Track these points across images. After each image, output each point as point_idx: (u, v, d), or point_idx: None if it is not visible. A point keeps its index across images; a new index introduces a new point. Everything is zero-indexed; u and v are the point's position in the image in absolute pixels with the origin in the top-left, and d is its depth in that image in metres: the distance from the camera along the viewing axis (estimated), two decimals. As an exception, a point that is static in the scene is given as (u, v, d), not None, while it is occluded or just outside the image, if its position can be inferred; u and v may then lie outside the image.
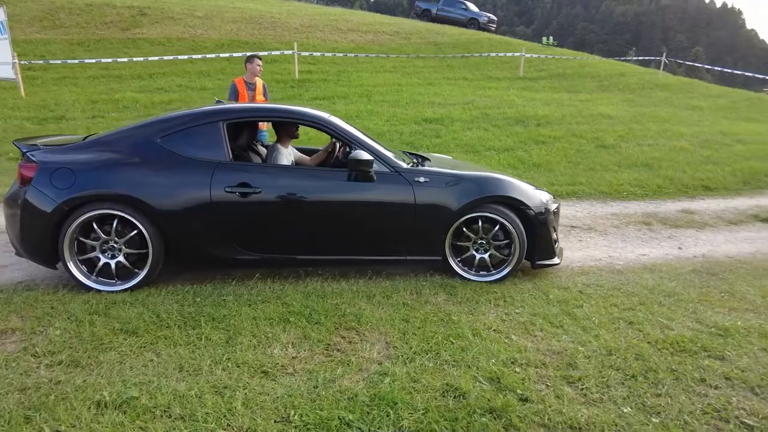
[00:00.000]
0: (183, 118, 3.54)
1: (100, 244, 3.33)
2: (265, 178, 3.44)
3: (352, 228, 3.60)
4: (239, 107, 3.96)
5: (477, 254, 3.76)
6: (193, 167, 3.36)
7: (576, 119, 10.78)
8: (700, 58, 64.79)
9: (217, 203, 3.33)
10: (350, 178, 3.50)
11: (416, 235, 3.61)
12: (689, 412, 2.32)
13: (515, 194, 3.70)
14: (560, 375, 2.57)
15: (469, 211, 3.62)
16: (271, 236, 3.53)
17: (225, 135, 3.48)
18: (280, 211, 3.47)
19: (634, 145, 9.26)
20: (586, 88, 15.22)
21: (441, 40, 19.32)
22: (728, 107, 14.76)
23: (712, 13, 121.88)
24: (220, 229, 3.40)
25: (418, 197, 3.54)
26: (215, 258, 3.48)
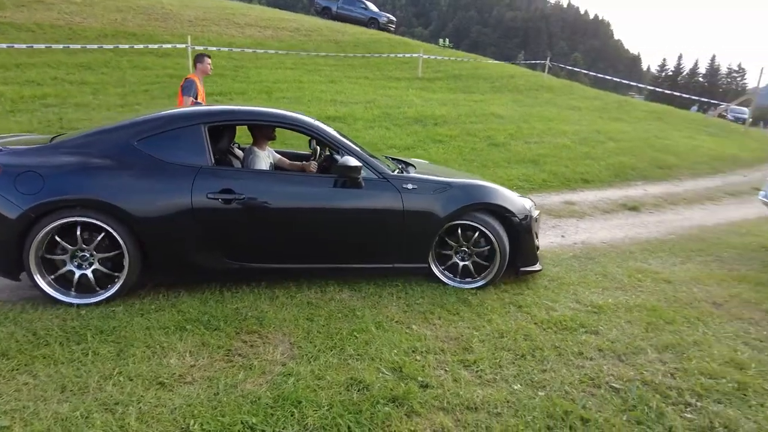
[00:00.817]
0: (162, 120, 3.34)
1: (71, 255, 3.06)
2: (249, 184, 3.28)
3: (340, 236, 3.49)
4: (222, 110, 3.68)
5: (458, 261, 3.73)
6: (173, 172, 3.16)
7: (470, 119, 11.38)
8: (579, 63, 71.37)
9: (198, 210, 3.14)
10: (338, 184, 3.41)
11: (404, 243, 3.55)
12: (569, 383, 2.58)
13: (501, 201, 3.71)
14: (457, 359, 2.73)
15: (456, 218, 3.60)
16: (257, 245, 3.36)
17: (207, 139, 3.29)
18: (266, 218, 3.31)
19: (522, 143, 9.99)
20: (480, 89, 16.10)
21: (342, 39, 19.37)
22: (602, 108, 16.43)
23: (587, 23, 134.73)
24: (202, 237, 3.20)
25: (406, 204, 3.47)
26: (197, 268, 3.28)
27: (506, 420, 2.25)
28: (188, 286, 3.44)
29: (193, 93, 5.76)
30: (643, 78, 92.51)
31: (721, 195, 8.81)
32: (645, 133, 12.92)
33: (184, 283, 3.48)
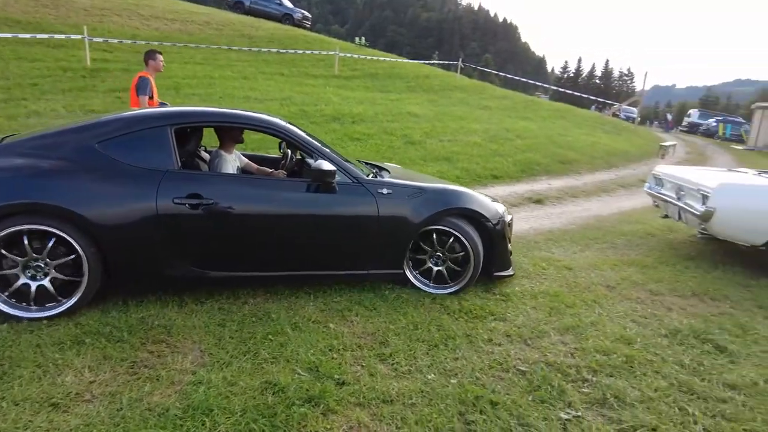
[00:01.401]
0: (125, 121, 3.15)
1: (22, 265, 2.82)
2: (219, 189, 3.11)
3: (313, 242, 3.36)
4: (189, 111, 3.45)
5: (432, 266, 3.69)
6: (137, 176, 2.97)
7: (387, 117, 11.55)
8: (490, 64, 74.78)
9: (164, 216, 2.95)
10: (311, 189, 3.29)
11: (379, 249, 3.48)
12: (480, 369, 2.70)
13: (475, 207, 3.68)
14: (374, 354, 2.76)
15: (431, 223, 3.55)
16: (226, 252, 3.18)
17: (173, 141, 3.11)
18: (235, 224, 3.14)
19: (437, 141, 10.30)
20: (396, 88, 16.37)
21: (256, 34, 18.83)
22: (510, 107, 17.34)
23: (497, 26, 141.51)
24: (168, 245, 3.02)
25: (381, 209, 3.40)
26: (163, 277, 3.10)
27: (420, 409, 2.32)
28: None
29: (149, 92, 5.50)
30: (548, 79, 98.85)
31: (615, 187, 9.65)
32: (549, 130, 13.83)
33: (149, 292, 3.27)
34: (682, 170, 5.89)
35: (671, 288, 4.26)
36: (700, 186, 4.93)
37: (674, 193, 5.43)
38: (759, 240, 4.77)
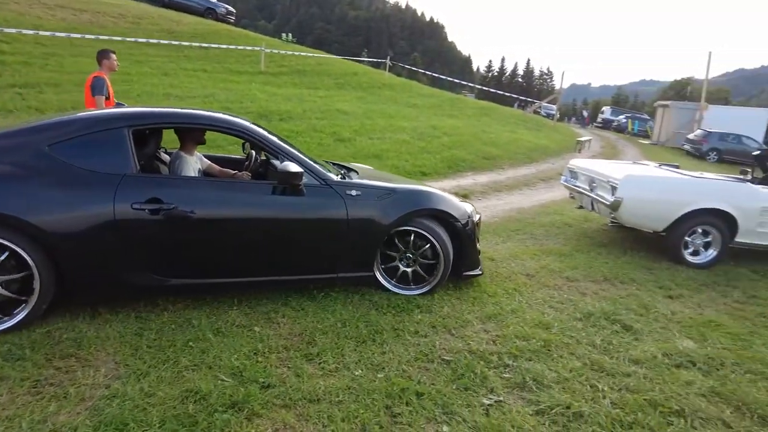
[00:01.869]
0: (79, 123, 2.96)
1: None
2: (180, 193, 2.98)
3: (281, 246, 3.26)
4: (147, 112, 3.27)
5: (403, 267, 3.65)
6: (93, 181, 2.80)
7: (316, 114, 11.44)
8: (418, 63, 76.07)
9: (122, 222, 2.81)
10: (277, 191, 3.17)
11: (348, 251, 3.40)
12: (406, 361, 2.75)
13: (445, 207, 3.66)
14: (301, 354, 2.73)
15: (401, 224, 3.50)
16: (189, 259, 3.07)
17: (131, 143, 2.94)
18: (199, 230, 3.00)
19: (366, 139, 10.35)
20: (325, 85, 16.26)
21: (177, 29, 17.97)
22: (437, 105, 17.76)
23: (424, 25, 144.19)
24: (127, 252, 2.88)
25: (350, 211, 3.32)
26: (121, 286, 2.95)
27: (348, 406, 2.32)
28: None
29: (106, 92, 5.38)
30: (474, 78, 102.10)
31: (536, 181, 10.15)
32: (474, 128, 14.31)
33: (106, 303, 3.07)
34: (594, 163, 6.30)
35: (586, 274, 4.55)
36: (609, 178, 5.31)
37: (587, 185, 5.80)
38: (660, 226, 5.22)
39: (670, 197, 5.12)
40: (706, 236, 5.18)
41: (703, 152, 20.75)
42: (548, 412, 2.41)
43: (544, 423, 2.33)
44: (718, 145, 20.76)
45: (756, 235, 5.18)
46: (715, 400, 2.65)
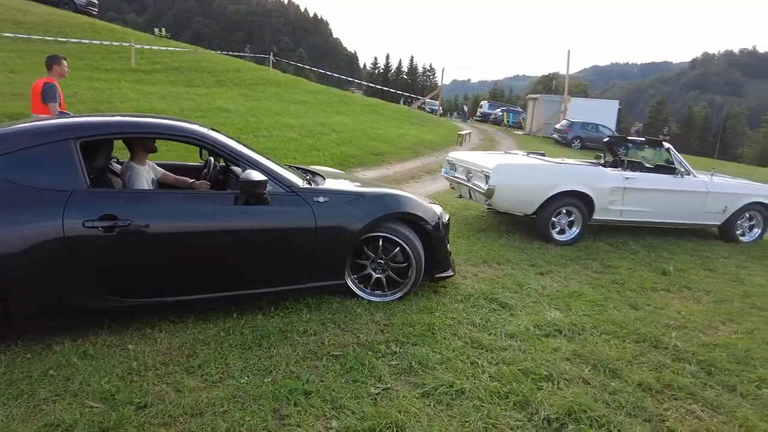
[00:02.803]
0: (18, 136, 2.74)
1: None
2: (135, 207, 2.80)
3: (246, 259, 3.11)
4: (95, 122, 3.05)
5: (375, 274, 3.57)
6: (38, 199, 2.59)
7: (195, 113, 10.85)
8: (304, 60, 75.16)
9: (73, 241, 2.60)
10: (240, 201, 3.00)
11: (318, 260, 3.28)
12: (294, 362, 2.72)
13: (414, 210, 3.59)
14: (181, 369, 2.58)
15: (371, 230, 3.40)
16: (147, 277, 2.89)
17: (79, 156, 2.73)
18: (158, 246, 2.83)
19: (252, 137, 10.02)
20: (204, 83, 15.46)
21: (25, 19, 15.95)
22: (325, 102, 17.72)
23: (308, 21, 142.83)
24: (80, 273, 2.68)
25: (318, 219, 3.19)
26: (73, 309, 2.75)
27: (233, 415, 2.24)
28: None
29: (57, 99, 5.26)
30: (361, 74, 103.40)
31: (421, 174, 10.55)
32: (362, 124, 14.50)
33: (56, 329, 2.83)
34: (469, 155, 6.71)
35: (466, 258, 4.84)
36: (483, 168, 5.69)
37: (464, 175, 6.16)
38: (530, 209, 5.71)
39: (536, 182, 5.62)
40: (570, 216, 5.77)
41: (569, 140, 23.05)
42: (433, 393, 2.53)
43: (429, 404, 2.44)
44: (580, 133, 23.19)
45: (609, 212, 5.88)
46: (577, 361, 2.97)
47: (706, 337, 3.49)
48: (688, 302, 4.25)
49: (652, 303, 4.07)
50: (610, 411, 2.47)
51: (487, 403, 2.47)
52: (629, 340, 3.30)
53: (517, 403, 2.49)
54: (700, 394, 2.72)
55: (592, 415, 2.41)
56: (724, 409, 2.59)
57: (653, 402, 2.61)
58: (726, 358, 3.14)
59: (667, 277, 4.87)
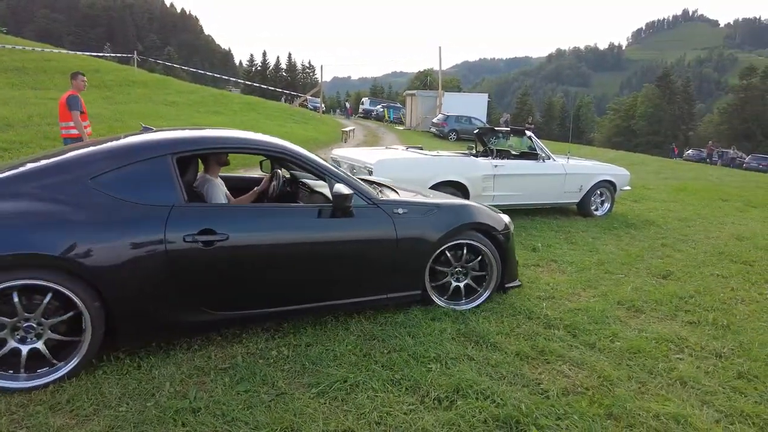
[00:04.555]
0: (120, 152, 2.79)
1: (11, 328, 2.38)
2: (231, 221, 2.83)
3: (333, 270, 3.15)
4: (189, 137, 3.12)
5: (455, 282, 3.64)
6: (140, 214, 2.59)
7: (47, 120, 9.70)
8: (174, 58, 70.48)
9: (174, 255, 2.62)
10: (327, 214, 3.07)
11: (398, 271, 3.34)
12: (180, 381, 2.56)
13: (488, 220, 3.65)
14: (45, 407, 2.29)
15: (447, 240, 3.46)
16: (243, 290, 2.92)
17: (176, 171, 2.77)
18: (251, 259, 2.88)
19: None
20: (57, 85, 13.84)
21: None
22: (199, 102, 16.81)
23: (176, 17, 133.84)
24: (181, 288, 2.71)
25: (399, 230, 3.24)
26: (172, 324, 2.76)
27: (110, 449, 2.05)
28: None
29: (80, 107, 6.23)
30: (237, 72, 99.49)
31: (308, 172, 10.48)
32: (242, 124, 13.98)
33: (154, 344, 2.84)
34: (352, 152, 6.81)
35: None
36: (365, 163, 5.80)
37: (349, 171, 6.23)
38: (412, 201, 5.94)
39: (416, 175, 5.86)
40: (448, 204, 6.11)
41: (445, 133, 24.34)
42: (328, 390, 2.54)
43: (324, 402, 2.44)
44: (455, 126, 24.60)
45: (482, 198, 6.31)
46: (461, 340, 3.16)
47: (570, 303, 3.91)
48: (555, 274, 4.72)
49: (525, 278, 4.46)
50: (493, 382, 2.67)
51: (381, 392, 2.54)
52: (506, 314, 3.58)
53: (409, 388, 2.59)
54: (567, 354, 3.04)
55: (477, 388, 2.58)
56: (587, 365, 2.93)
57: (529, 368, 2.87)
58: (587, 320, 3.55)
59: (536, 253, 5.36)
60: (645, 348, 3.13)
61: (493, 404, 2.46)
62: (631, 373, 2.86)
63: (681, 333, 3.39)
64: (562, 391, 2.63)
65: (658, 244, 5.95)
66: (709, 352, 3.16)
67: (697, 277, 4.68)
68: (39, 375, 2.44)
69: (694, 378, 2.81)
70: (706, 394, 2.68)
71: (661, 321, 3.62)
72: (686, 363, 3.00)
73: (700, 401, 2.61)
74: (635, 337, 3.30)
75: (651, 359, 3.02)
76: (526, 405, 2.45)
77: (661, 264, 5.08)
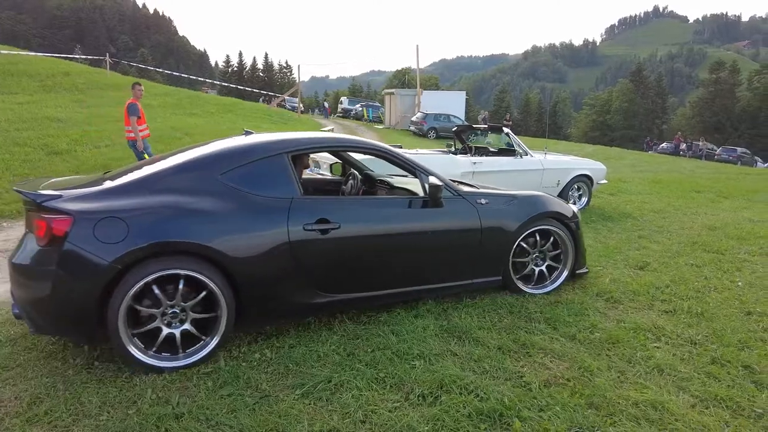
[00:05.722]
0: (244, 151, 3.09)
1: (161, 312, 2.65)
2: (341, 211, 3.16)
3: (427, 256, 3.49)
4: (301, 138, 3.42)
5: (537, 268, 3.95)
6: (265, 206, 2.93)
7: (15, 125, 9.44)
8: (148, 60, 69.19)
9: (296, 243, 2.93)
10: (417, 205, 3.46)
11: (482, 258, 3.66)
12: (161, 387, 2.53)
13: (559, 208, 3.94)
14: (22, 420, 2.25)
15: (527, 228, 3.76)
16: (350, 274, 3.24)
17: (293, 168, 3.13)
18: (359, 245, 3.21)
19: (91, 148, 9.02)
20: (25, 89, 13.50)
21: None
22: (175, 104, 16.54)
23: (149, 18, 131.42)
24: (300, 272, 2.98)
25: (483, 219, 3.56)
26: (292, 307, 3.04)
27: (91, 459, 2.02)
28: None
29: (138, 113, 7.50)
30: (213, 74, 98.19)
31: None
32: (218, 126, 13.83)
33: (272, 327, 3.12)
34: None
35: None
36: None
37: (328, 172, 6.21)
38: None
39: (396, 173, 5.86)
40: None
41: (425, 131, 24.41)
42: (313, 391, 2.53)
43: (309, 403, 2.44)
44: (434, 124, 24.69)
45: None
46: (444, 336, 3.19)
47: (550, 296, 3.96)
48: (534, 268, 4.77)
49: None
50: (476, 377, 2.70)
51: (366, 390, 2.54)
52: (488, 309, 3.62)
53: (394, 386, 2.60)
54: (549, 347, 3.09)
55: (461, 383, 2.60)
56: (568, 356, 2.98)
57: (512, 361, 2.91)
58: (567, 313, 3.61)
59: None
60: (623, 338, 3.20)
61: (476, 398, 2.49)
62: (610, 362, 2.92)
63: (658, 322, 3.47)
64: (544, 383, 2.67)
65: (635, 236, 6.07)
66: (685, 339, 3.24)
67: (672, 267, 4.79)
68: (194, 352, 2.74)
69: (670, 365, 2.88)
70: (682, 380, 2.75)
71: (638, 311, 3.70)
72: (663, 351, 3.07)
73: (677, 387, 2.68)
74: (614, 327, 3.37)
75: (629, 348, 3.08)
76: (509, 398, 2.48)
77: (638, 255, 5.19)
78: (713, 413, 2.46)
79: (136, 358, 2.60)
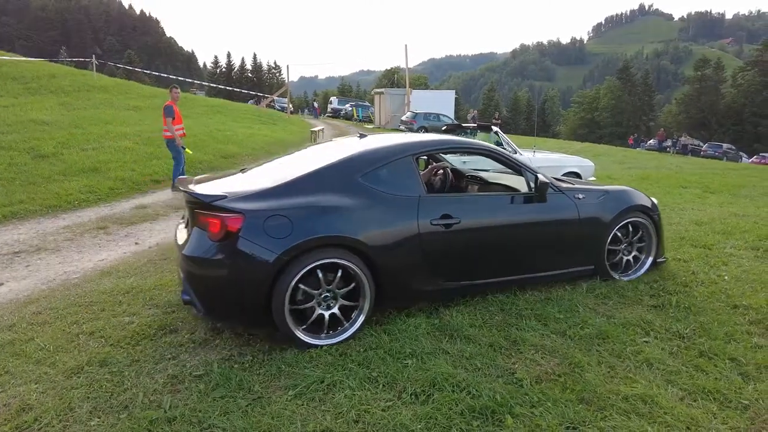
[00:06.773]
0: (376, 154, 3.42)
1: (322, 296, 3.05)
2: (461, 207, 3.48)
3: (533, 247, 3.79)
4: (424, 141, 3.77)
5: (625, 257, 4.21)
6: (398, 203, 3.27)
7: (1, 128, 9.29)
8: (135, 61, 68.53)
9: (424, 236, 3.28)
10: (521, 200, 3.76)
11: (579, 248, 3.95)
12: (153, 391, 2.52)
13: (644, 202, 4.22)
14: (10, 427, 2.23)
15: (619, 220, 4.03)
16: (468, 264, 3.53)
17: (417, 169, 3.46)
18: (475, 238, 3.51)
19: (78, 151, 8.92)
20: (10, 92, 13.31)
21: None
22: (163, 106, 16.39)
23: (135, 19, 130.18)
24: (427, 262, 3.34)
25: (581, 213, 3.85)
26: (418, 293, 3.43)
27: (83, 465, 2.00)
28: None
29: (173, 115, 7.95)
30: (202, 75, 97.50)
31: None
32: (207, 127, 13.75)
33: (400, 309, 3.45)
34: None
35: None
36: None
37: None
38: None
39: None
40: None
41: (415, 131, 24.44)
42: (305, 392, 2.53)
43: (302, 403, 2.44)
44: (424, 123, 24.72)
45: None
46: (436, 334, 3.20)
47: (541, 293, 3.99)
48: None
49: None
50: (468, 374, 2.71)
51: (358, 390, 2.54)
52: (479, 307, 3.63)
53: (386, 385, 2.60)
54: (540, 343, 3.11)
55: (453, 381, 2.61)
56: (558, 352, 3.00)
57: (503, 358, 2.93)
58: (557, 309, 3.63)
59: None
60: (613, 333, 3.23)
61: (469, 396, 2.50)
62: (600, 358, 2.95)
63: (646, 317, 3.51)
64: (536, 379, 2.70)
65: (623, 232, 6.12)
66: (673, 333, 3.28)
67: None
68: (336, 333, 3.06)
69: (659, 359, 2.92)
70: (670, 374, 2.78)
71: (627, 306, 3.74)
72: (652, 345, 3.11)
73: (666, 381, 2.71)
74: (604, 323, 3.40)
75: (619, 344, 3.11)
76: (501, 395, 2.50)
77: (626, 251, 5.23)
78: (701, 406, 2.49)
79: (296, 336, 2.94)
